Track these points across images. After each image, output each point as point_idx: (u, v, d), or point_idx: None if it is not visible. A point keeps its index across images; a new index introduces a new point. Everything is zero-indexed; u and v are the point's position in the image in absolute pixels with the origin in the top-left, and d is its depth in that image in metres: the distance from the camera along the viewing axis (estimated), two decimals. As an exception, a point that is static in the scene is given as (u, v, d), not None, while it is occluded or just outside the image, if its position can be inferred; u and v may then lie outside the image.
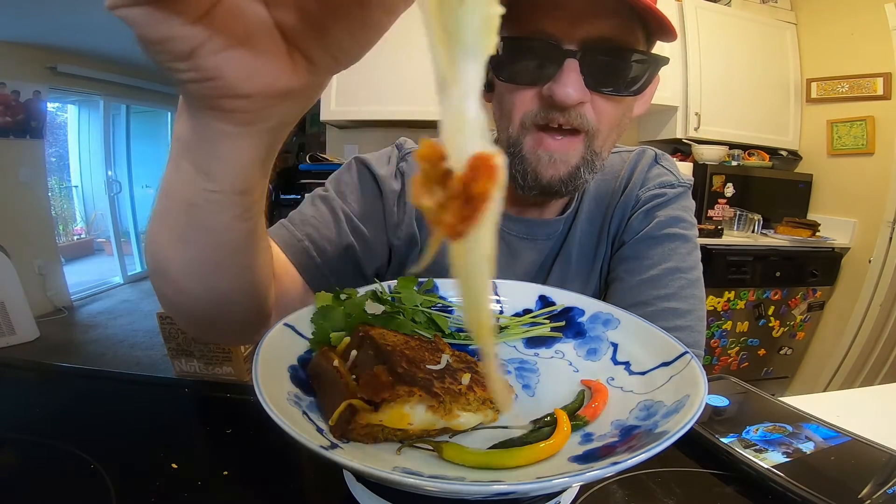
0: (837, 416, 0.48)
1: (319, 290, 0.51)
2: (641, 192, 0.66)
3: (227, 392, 0.48)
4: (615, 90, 0.53)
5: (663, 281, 0.61)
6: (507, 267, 0.67)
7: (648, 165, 0.69)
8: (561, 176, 0.56)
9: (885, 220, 2.19)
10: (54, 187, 4.64)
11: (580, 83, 0.51)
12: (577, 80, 0.51)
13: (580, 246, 0.67)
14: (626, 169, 0.69)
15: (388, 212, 0.66)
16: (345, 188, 0.65)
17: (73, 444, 0.37)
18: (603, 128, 0.55)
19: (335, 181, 0.67)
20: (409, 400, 0.32)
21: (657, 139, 2.61)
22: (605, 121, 0.55)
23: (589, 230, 0.68)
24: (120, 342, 3.30)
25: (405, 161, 0.68)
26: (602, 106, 0.54)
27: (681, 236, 0.64)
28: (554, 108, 0.52)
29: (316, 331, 0.42)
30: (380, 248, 0.66)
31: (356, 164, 0.68)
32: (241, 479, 0.36)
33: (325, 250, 0.60)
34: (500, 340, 0.47)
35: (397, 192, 0.66)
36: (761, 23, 2.57)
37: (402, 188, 0.67)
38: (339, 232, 0.61)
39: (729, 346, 2.34)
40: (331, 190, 0.66)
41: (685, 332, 0.59)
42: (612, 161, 0.70)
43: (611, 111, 0.55)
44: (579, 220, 0.67)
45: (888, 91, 2.24)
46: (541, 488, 0.26)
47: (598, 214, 0.68)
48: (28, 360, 0.55)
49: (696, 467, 0.42)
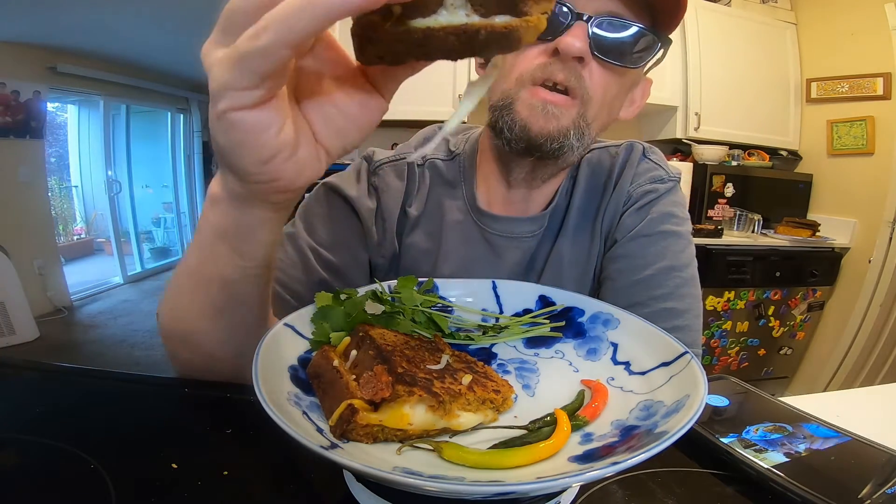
0: (837, 416, 0.48)
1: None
2: (632, 188, 0.66)
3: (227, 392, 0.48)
4: (617, 59, 0.55)
5: (659, 281, 0.61)
6: (492, 268, 0.66)
7: (638, 160, 0.68)
8: (550, 130, 0.55)
9: (885, 220, 2.19)
10: (54, 187, 4.64)
11: (586, 40, 0.53)
12: (583, 36, 0.52)
13: (573, 245, 0.66)
14: (617, 165, 0.68)
15: (367, 232, 0.65)
16: (314, 219, 0.65)
17: (73, 444, 0.37)
18: (596, 97, 0.56)
19: (303, 213, 0.67)
20: (409, 400, 0.32)
21: (657, 139, 2.61)
22: (600, 90, 0.56)
23: (582, 226, 0.67)
24: (120, 342, 3.29)
25: (377, 175, 0.68)
26: (600, 74, 0.55)
27: (673, 233, 0.64)
28: (555, 63, 0.54)
29: (316, 331, 0.42)
30: (357, 273, 0.65)
31: (324, 190, 0.67)
32: (241, 479, 0.36)
33: (297, 291, 0.60)
34: (500, 340, 0.47)
35: (373, 209, 0.66)
36: (761, 23, 2.57)
37: (377, 205, 0.66)
38: (307, 270, 0.61)
39: (729, 346, 2.34)
40: (298, 225, 0.65)
41: (683, 331, 0.59)
42: (601, 156, 0.69)
43: (607, 79, 0.56)
44: (570, 219, 0.67)
45: (888, 91, 2.24)
46: (541, 488, 0.26)
47: (589, 212, 0.67)
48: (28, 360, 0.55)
49: (696, 467, 0.42)
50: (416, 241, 0.67)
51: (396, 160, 0.69)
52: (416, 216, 0.67)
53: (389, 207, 0.66)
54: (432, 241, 0.67)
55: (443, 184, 0.69)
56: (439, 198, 0.68)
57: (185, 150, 5.39)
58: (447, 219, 0.67)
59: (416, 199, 0.68)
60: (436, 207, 0.68)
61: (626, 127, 2.77)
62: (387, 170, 0.68)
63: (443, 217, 0.67)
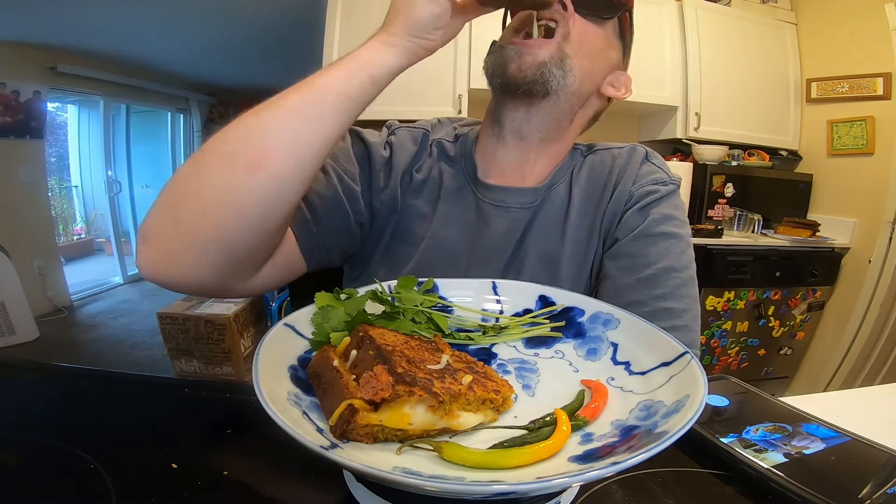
0: (837, 416, 0.48)
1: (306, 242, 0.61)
2: (634, 188, 0.67)
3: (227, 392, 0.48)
4: (597, 12, 0.63)
5: (658, 280, 0.61)
6: (478, 235, 0.68)
7: (640, 162, 0.69)
8: (527, 63, 0.61)
9: (885, 220, 2.19)
10: (54, 187, 4.64)
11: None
12: None
13: (572, 241, 0.67)
14: (618, 165, 0.69)
15: (374, 175, 0.69)
16: (337, 151, 0.69)
17: (73, 444, 0.37)
18: (575, 36, 0.62)
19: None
20: (409, 400, 0.32)
21: (657, 139, 2.60)
22: (578, 29, 0.62)
23: (580, 224, 0.68)
24: (120, 342, 3.29)
25: (394, 134, 0.74)
26: (582, 26, 0.62)
27: (674, 235, 0.65)
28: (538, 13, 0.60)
29: (316, 331, 0.42)
30: (363, 207, 0.68)
31: (349, 132, 0.72)
32: (241, 479, 0.36)
33: (313, 203, 0.62)
34: (500, 340, 0.47)
35: (385, 158, 0.70)
36: (761, 23, 2.57)
37: (389, 156, 0.71)
38: (329, 186, 0.64)
39: (729, 346, 2.34)
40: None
41: (682, 331, 0.59)
42: (603, 158, 0.71)
43: (589, 34, 0.63)
44: (570, 216, 0.68)
45: (888, 91, 2.24)
46: (541, 488, 0.26)
47: (590, 209, 0.68)
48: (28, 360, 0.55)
49: (696, 467, 0.42)
50: (417, 204, 0.71)
51: (414, 127, 0.76)
52: (421, 181, 0.72)
53: (399, 163, 0.71)
54: (430, 207, 0.71)
55: (447, 158, 0.74)
56: (443, 169, 0.73)
57: (185, 150, 5.38)
58: (446, 186, 0.71)
59: (423, 166, 0.73)
60: (438, 177, 0.72)
61: (626, 127, 2.77)
62: (404, 132, 0.75)
63: (442, 184, 0.72)
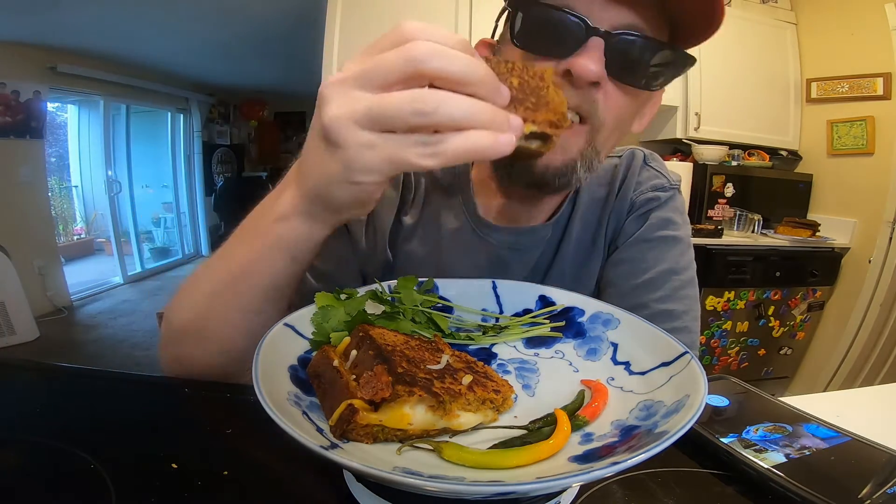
0: (837, 416, 0.48)
1: None
2: (635, 195, 0.66)
3: (227, 392, 0.48)
4: (634, 81, 0.50)
5: (658, 283, 0.61)
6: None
7: (639, 168, 0.68)
8: (557, 165, 0.51)
9: (885, 220, 2.19)
10: (54, 187, 4.64)
11: (601, 62, 0.47)
12: (599, 58, 0.46)
13: (574, 255, 0.66)
14: (619, 174, 0.67)
15: (355, 242, 0.64)
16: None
17: (73, 444, 0.37)
18: (609, 121, 0.51)
19: None
20: (409, 400, 0.32)
21: (657, 139, 2.60)
22: (613, 114, 0.51)
23: (583, 238, 0.66)
24: (120, 342, 3.29)
25: None
26: (615, 96, 0.50)
27: (673, 238, 0.64)
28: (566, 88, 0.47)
29: (316, 331, 0.42)
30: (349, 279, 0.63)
31: None
32: (241, 479, 0.36)
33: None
34: (500, 340, 0.47)
35: (363, 219, 0.64)
36: (761, 23, 2.57)
37: (368, 214, 0.63)
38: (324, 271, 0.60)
39: (729, 346, 2.34)
40: None
41: (682, 333, 0.60)
42: (603, 166, 0.68)
43: (622, 104, 0.51)
44: (573, 229, 0.65)
45: (888, 91, 2.24)
46: (541, 488, 0.26)
47: (592, 222, 0.67)
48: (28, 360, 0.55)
49: (696, 467, 0.42)
50: (413, 249, 0.65)
51: None
52: (413, 224, 0.66)
53: (382, 217, 0.65)
54: (429, 249, 0.65)
55: (439, 189, 0.67)
56: (437, 205, 0.67)
57: (185, 150, 5.39)
58: (445, 227, 0.65)
59: (411, 207, 0.67)
60: (433, 215, 0.66)
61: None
62: None
63: (440, 225, 0.66)
